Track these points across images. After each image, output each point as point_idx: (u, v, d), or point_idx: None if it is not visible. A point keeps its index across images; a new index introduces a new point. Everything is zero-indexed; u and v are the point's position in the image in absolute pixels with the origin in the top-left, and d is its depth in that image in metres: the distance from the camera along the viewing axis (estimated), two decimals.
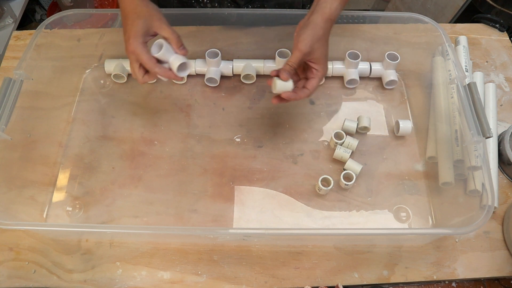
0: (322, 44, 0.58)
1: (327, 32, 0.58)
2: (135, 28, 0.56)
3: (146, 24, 0.57)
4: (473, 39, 0.82)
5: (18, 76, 0.61)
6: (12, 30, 1.31)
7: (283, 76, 0.58)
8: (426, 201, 0.64)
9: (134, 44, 0.56)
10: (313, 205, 0.63)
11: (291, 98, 0.59)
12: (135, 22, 0.56)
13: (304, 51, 0.57)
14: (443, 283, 0.59)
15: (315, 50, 0.57)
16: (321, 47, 0.58)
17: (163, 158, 0.67)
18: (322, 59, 0.59)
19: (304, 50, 0.57)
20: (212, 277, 0.58)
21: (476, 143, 0.56)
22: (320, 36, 0.57)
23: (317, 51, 0.58)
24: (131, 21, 0.57)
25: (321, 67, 0.59)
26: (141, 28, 0.56)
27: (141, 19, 0.57)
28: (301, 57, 0.57)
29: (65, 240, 0.60)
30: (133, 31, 0.56)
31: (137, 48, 0.56)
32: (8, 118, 0.58)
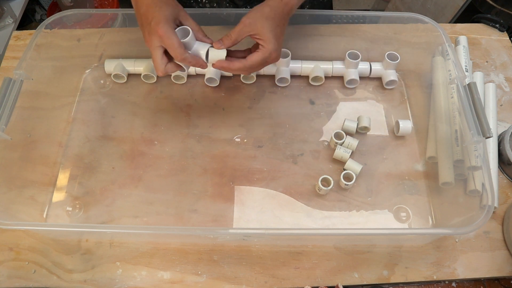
0: (269, 22, 0.56)
1: (278, 12, 0.57)
2: (165, 13, 0.53)
3: (174, 11, 0.55)
4: (473, 39, 0.82)
5: (18, 76, 0.61)
6: (12, 30, 1.31)
7: (215, 44, 0.57)
8: (426, 201, 0.64)
9: (164, 28, 0.52)
10: (313, 205, 0.63)
11: (223, 66, 0.58)
12: (163, 8, 0.54)
13: (245, 22, 0.56)
14: (443, 283, 0.59)
15: (259, 26, 0.56)
16: (267, 24, 0.56)
17: (163, 158, 0.67)
18: (267, 35, 0.56)
19: (244, 21, 0.56)
20: (212, 277, 0.58)
21: (476, 143, 0.56)
22: (267, 12, 0.56)
23: (262, 27, 0.56)
24: (159, 7, 0.54)
25: (267, 44, 0.57)
26: (171, 13, 0.54)
27: (170, 6, 0.55)
28: (241, 28, 0.56)
29: (65, 240, 0.60)
30: (163, 15, 0.53)
31: (168, 32, 0.53)
32: (8, 118, 0.58)
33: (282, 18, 0.58)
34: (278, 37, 0.57)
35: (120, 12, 0.75)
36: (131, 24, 0.76)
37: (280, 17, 0.57)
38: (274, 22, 0.57)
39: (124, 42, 0.79)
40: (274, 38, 0.57)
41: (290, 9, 0.58)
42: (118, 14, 0.78)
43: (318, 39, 0.80)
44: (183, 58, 0.54)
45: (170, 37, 0.53)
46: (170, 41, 0.53)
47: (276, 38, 0.57)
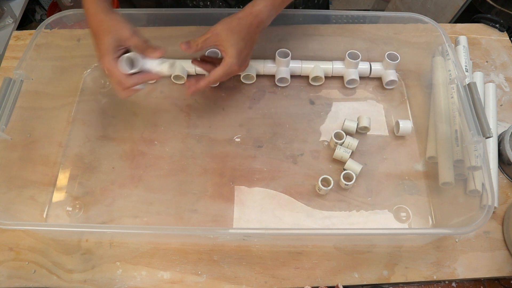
0: (233, 35, 0.58)
1: (245, 25, 0.58)
2: (105, 46, 0.56)
3: (114, 38, 0.56)
4: (473, 39, 0.82)
5: (18, 76, 0.61)
6: (12, 30, 1.31)
7: (182, 45, 0.59)
8: (426, 201, 0.64)
9: (107, 62, 0.56)
10: (313, 205, 0.63)
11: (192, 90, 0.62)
12: (103, 39, 0.56)
13: (212, 32, 0.58)
14: (443, 283, 0.59)
15: (224, 38, 0.58)
16: (231, 38, 0.58)
17: (163, 158, 0.67)
18: (229, 49, 0.58)
19: (212, 31, 0.58)
20: (212, 277, 0.58)
21: (476, 143, 0.56)
22: (233, 26, 0.58)
23: (226, 41, 0.58)
24: (99, 39, 0.57)
25: (228, 57, 0.59)
26: (110, 44, 0.56)
27: (109, 35, 0.56)
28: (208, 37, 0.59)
29: (65, 240, 0.60)
30: (104, 48, 0.56)
31: (110, 65, 0.56)
32: (8, 118, 0.58)
33: (250, 31, 0.59)
34: (241, 50, 0.59)
35: (120, 12, 0.75)
36: None
37: (247, 31, 0.59)
38: (239, 36, 0.58)
39: None
40: (236, 52, 0.59)
41: (260, 21, 0.59)
42: None
43: (318, 39, 0.80)
44: (129, 85, 0.58)
45: (113, 70, 0.57)
46: (114, 73, 0.57)
47: (239, 52, 0.59)
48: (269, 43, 0.78)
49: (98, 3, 0.57)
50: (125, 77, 0.57)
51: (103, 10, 0.57)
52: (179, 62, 0.65)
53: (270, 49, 0.76)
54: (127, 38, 0.57)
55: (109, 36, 0.56)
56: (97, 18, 0.57)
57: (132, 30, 0.57)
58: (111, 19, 0.57)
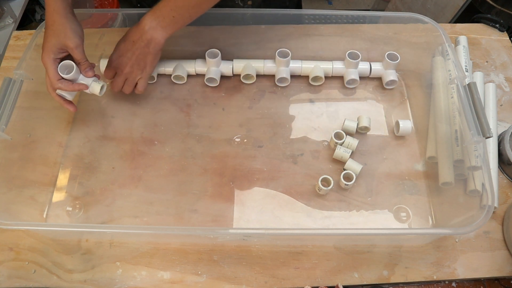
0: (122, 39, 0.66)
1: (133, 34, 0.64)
2: (49, 44, 0.59)
3: (59, 42, 0.59)
4: (473, 39, 0.82)
5: (18, 76, 0.61)
6: (12, 30, 1.31)
7: None
8: (426, 201, 0.64)
9: (45, 59, 0.59)
10: (313, 205, 0.63)
11: None
12: (49, 38, 0.59)
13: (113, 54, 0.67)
14: (443, 283, 0.59)
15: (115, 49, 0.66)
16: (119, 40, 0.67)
17: (163, 158, 0.67)
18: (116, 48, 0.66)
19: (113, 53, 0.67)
20: (212, 277, 0.58)
21: (476, 143, 0.56)
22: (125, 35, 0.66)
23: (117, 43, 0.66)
24: (47, 36, 0.60)
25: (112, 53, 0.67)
26: (54, 45, 0.60)
27: (55, 37, 0.59)
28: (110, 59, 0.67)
29: (65, 240, 0.60)
30: (47, 46, 0.59)
31: (46, 63, 0.59)
32: (8, 118, 0.58)
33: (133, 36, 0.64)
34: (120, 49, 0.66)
35: (120, 12, 0.75)
36: (131, 24, 0.76)
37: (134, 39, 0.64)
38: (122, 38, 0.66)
39: None
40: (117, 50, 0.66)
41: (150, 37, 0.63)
42: (118, 14, 0.77)
43: (318, 39, 0.80)
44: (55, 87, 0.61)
45: (48, 68, 0.60)
46: (47, 71, 0.60)
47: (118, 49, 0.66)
48: (269, 43, 0.78)
49: (58, 2, 0.59)
50: (55, 78, 0.60)
51: (59, 11, 0.59)
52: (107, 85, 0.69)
53: (270, 49, 0.76)
54: (70, 48, 0.60)
55: (55, 39, 0.59)
56: (52, 18, 0.59)
57: (76, 43, 0.60)
58: (63, 24, 0.59)
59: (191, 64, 0.74)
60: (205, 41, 0.77)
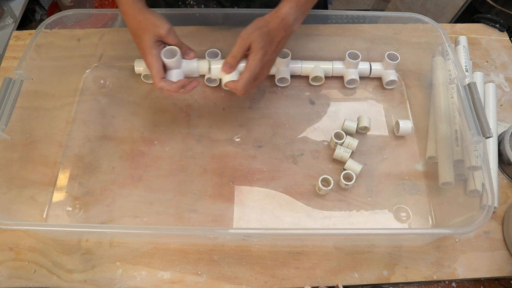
0: (262, 36, 0.56)
1: (272, 27, 0.57)
2: (146, 44, 0.58)
3: (153, 35, 0.58)
4: (473, 39, 0.82)
5: (18, 76, 0.61)
6: (12, 30, 1.31)
7: (224, 68, 0.59)
8: (426, 201, 0.64)
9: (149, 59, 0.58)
10: (313, 205, 0.63)
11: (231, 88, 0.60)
12: (143, 38, 0.58)
13: (243, 37, 0.57)
14: (443, 283, 0.59)
15: (253, 38, 0.56)
16: (260, 38, 0.56)
17: (163, 158, 0.67)
18: (256, 51, 0.57)
19: (243, 36, 0.57)
20: (212, 277, 0.58)
21: (476, 143, 0.56)
22: (262, 26, 0.57)
23: (254, 41, 0.56)
24: (140, 38, 0.59)
25: (252, 59, 0.57)
26: (150, 40, 0.58)
27: (148, 33, 0.58)
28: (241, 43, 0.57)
29: (65, 240, 0.60)
30: (145, 46, 0.58)
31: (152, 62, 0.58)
32: (8, 118, 0.58)
33: (277, 34, 0.58)
34: (265, 53, 0.57)
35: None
36: None
37: (274, 33, 0.57)
38: (267, 38, 0.57)
39: (124, 42, 0.79)
40: (261, 55, 0.57)
41: (286, 24, 0.58)
42: (118, 14, 0.77)
43: (318, 39, 0.80)
44: (159, 86, 0.58)
45: (153, 67, 0.58)
46: (152, 70, 0.58)
47: (263, 55, 0.57)
48: None
49: (134, 4, 0.59)
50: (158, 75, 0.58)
51: (140, 10, 0.59)
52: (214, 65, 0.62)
53: None
54: (164, 36, 0.59)
55: (148, 35, 0.58)
56: (136, 19, 0.59)
57: (168, 27, 0.59)
58: (148, 18, 0.59)
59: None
60: (205, 41, 0.77)
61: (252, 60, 0.57)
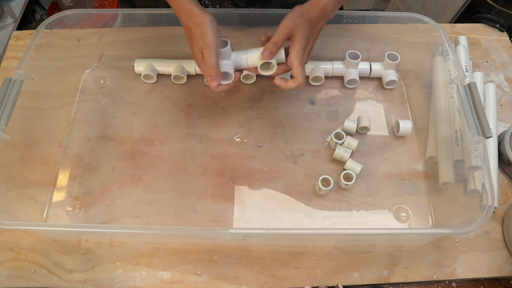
0: (305, 25, 0.56)
1: (314, 16, 0.57)
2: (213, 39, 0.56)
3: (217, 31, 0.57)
4: (473, 39, 0.82)
5: (18, 76, 0.61)
6: (12, 30, 1.31)
7: (264, 56, 0.58)
8: (426, 201, 0.64)
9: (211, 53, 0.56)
10: (313, 205, 0.63)
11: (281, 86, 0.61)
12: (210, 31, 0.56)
13: (287, 25, 0.56)
14: (443, 283, 0.59)
15: (296, 28, 0.56)
16: (303, 28, 0.56)
17: (163, 158, 0.67)
18: (300, 41, 0.57)
19: (286, 24, 0.56)
20: (212, 277, 0.58)
21: (476, 143, 0.56)
22: (305, 16, 0.56)
23: (298, 31, 0.56)
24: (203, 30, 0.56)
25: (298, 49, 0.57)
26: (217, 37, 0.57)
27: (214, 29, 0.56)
28: (283, 31, 0.56)
29: (65, 240, 0.60)
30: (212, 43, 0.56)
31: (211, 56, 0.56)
32: (8, 118, 0.58)
33: (318, 23, 0.58)
34: (307, 43, 0.58)
35: (120, 12, 0.75)
36: (131, 24, 0.76)
37: (316, 23, 0.58)
38: (310, 28, 0.57)
39: (124, 42, 0.79)
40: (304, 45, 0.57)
41: (325, 13, 0.58)
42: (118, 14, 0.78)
43: (318, 39, 0.79)
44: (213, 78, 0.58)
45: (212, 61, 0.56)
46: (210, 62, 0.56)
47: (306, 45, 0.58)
48: None
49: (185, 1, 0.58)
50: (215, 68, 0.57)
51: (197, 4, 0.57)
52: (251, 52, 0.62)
53: None
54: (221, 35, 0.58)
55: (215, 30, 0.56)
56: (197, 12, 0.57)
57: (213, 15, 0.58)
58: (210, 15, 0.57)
59: (191, 64, 0.74)
60: None
61: (298, 51, 0.57)
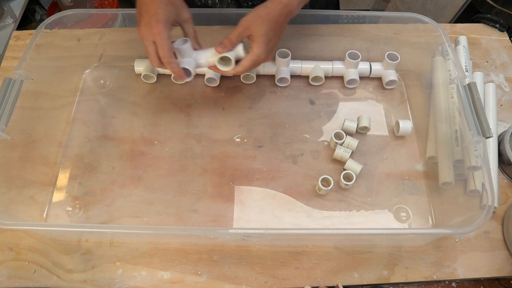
0: (264, 25, 0.57)
1: (274, 15, 0.57)
2: (165, 12, 0.54)
3: (176, 12, 0.56)
4: (473, 39, 0.82)
5: (18, 76, 0.61)
6: (12, 30, 1.31)
7: (218, 48, 0.59)
8: (426, 201, 0.64)
9: (161, 28, 0.54)
10: (313, 205, 0.63)
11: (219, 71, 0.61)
12: (167, 7, 0.54)
13: (243, 25, 0.57)
14: (443, 283, 0.59)
15: (254, 28, 0.57)
16: (261, 27, 0.57)
17: (163, 158, 0.67)
18: (259, 39, 0.57)
19: (242, 23, 0.57)
20: (212, 277, 0.58)
21: (476, 143, 0.56)
22: (263, 15, 0.57)
23: (257, 30, 0.57)
24: (161, 4, 0.54)
25: (256, 47, 0.58)
26: (172, 14, 0.55)
27: (173, 6, 0.55)
28: (240, 30, 0.58)
29: (65, 240, 0.60)
30: (163, 14, 0.54)
31: (162, 33, 0.54)
32: (8, 118, 0.58)
33: (279, 21, 0.58)
34: (269, 40, 0.59)
35: (120, 12, 0.75)
36: (131, 24, 0.76)
37: (276, 20, 0.58)
38: (268, 26, 0.58)
39: (124, 42, 0.79)
40: (265, 42, 0.58)
41: (289, 11, 0.59)
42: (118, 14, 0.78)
43: (318, 39, 0.80)
44: (168, 61, 0.56)
45: (163, 38, 0.55)
46: (162, 41, 0.55)
47: (267, 42, 0.58)
48: None
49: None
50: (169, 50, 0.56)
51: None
52: None
53: None
54: (186, 19, 0.57)
55: (173, 8, 0.55)
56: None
57: (190, 14, 0.57)
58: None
59: None
60: (205, 41, 0.77)
61: (257, 48, 0.58)
